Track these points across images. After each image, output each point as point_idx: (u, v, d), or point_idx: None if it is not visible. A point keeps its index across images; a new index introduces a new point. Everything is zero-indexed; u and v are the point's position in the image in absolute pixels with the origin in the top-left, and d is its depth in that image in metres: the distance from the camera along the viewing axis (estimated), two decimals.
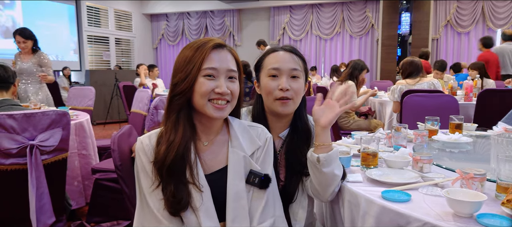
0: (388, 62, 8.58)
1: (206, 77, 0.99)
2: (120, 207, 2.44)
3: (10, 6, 7.57)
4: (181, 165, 0.98)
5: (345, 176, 1.20)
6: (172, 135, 0.99)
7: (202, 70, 0.98)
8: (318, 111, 1.17)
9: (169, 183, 0.97)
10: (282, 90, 1.21)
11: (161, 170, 0.97)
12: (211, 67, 0.99)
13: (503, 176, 1.02)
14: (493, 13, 8.01)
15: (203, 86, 0.98)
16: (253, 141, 1.08)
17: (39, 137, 1.84)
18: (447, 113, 2.15)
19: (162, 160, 0.97)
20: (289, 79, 1.23)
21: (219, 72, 1.00)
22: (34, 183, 1.82)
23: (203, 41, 1.02)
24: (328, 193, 1.17)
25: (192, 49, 1.01)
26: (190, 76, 0.98)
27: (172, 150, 0.97)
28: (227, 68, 1.01)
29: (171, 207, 0.96)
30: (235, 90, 1.03)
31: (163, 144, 0.98)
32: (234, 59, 1.05)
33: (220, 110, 1.00)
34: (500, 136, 1.26)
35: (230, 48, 1.06)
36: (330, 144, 1.15)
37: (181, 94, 0.99)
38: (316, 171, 1.14)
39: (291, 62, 1.23)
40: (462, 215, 0.91)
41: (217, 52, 1.01)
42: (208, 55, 0.99)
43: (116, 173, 1.10)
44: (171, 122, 1.01)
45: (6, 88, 2.12)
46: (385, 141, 1.73)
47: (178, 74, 1.00)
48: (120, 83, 6.09)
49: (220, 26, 10.42)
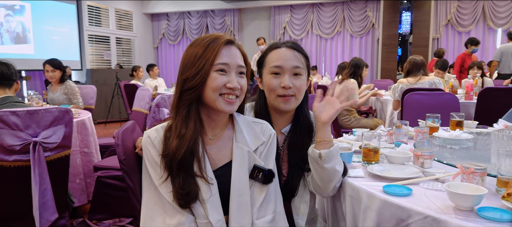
0: (389, 62, 8.58)
1: (218, 72, 1.01)
2: (122, 204, 2.45)
3: (20, 12, 7.62)
4: (190, 159, 1.00)
5: (346, 171, 1.21)
6: (183, 129, 1.00)
7: (214, 65, 1.00)
8: (318, 107, 1.19)
9: (178, 176, 0.98)
10: (285, 88, 1.22)
11: (171, 163, 0.98)
12: (223, 62, 1.01)
13: (504, 171, 1.03)
14: (493, 13, 8.01)
15: (215, 81, 1.00)
16: (257, 136, 1.10)
17: (42, 134, 1.85)
18: (447, 111, 2.16)
19: (173, 153, 0.98)
20: (291, 76, 1.24)
21: (230, 68, 1.03)
22: (37, 179, 1.83)
23: (213, 37, 1.04)
24: (330, 188, 1.18)
25: (202, 45, 1.02)
26: (202, 71, 0.99)
27: (184, 144, 0.98)
28: (237, 64, 1.04)
29: (180, 199, 0.98)
30: (244, 86, 1.06)
31: (174, 138, 1.00)
32: (242, 55, 1.08)
33: (231, 104, 1.03)
34: (500, 131, 1.27)
35: (238, 44, 1.09)
36: (331, 140, 1.17)
37: (193, 89, 1.00)
38: (318, 167, 1.15)
39: (294, 59, 1.24)
40: (462, 208, 0.92)
41: (228, 48, 1.04)
42: (220, 51, 1.01)
43: (120, 167, 1.11)
44: (181, 116, 1.02)
45: (8, 86, 2.13)
46: (386, 138, 1.74)
47: (188, 69, 1.02)
48: (121, 82, 6.10)
49: (221, 25, 10.43)
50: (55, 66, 3.60)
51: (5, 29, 7.41)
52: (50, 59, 3.65)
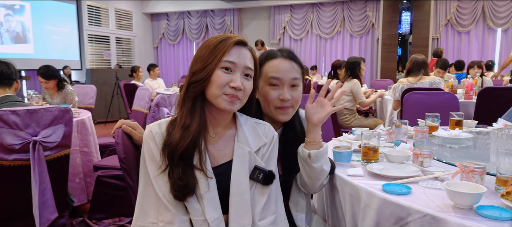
0: (389, 61, 8.59)
1: (224, 70, 1.01)
2: (122, 204, 2.45)
3: (19, 12, 7.63)
4: (191, 151, 1.00)
5: (334, 169, 1.26)
6: (188, 120, 1.01)
7: (221, 62, 1.01)
8: (310, 108, 1.21)
9: (178, 166, 0.98)
10: (284, 100, 1.22)
11: (172, 154, 0.98)
12: (229, 60, 1.02)
13: (503, 170, 1.03)
14: (493, 13, 8.02)
15: (219, 78, 1.00)
16: (259, 137, 1.10)
17: (42, 133, 1.85)
18: (447, 110, 2.16)
19: (175, 143, 0.98)
20: (289, 88, 1.24)
21: (236, 67, 1.03)
22: (37, 178, 1.83)
23: (227, 35, 1.06)
24: (317, 185, 1.23)
25: (214, 42, 1.04)
26: (209, 66, 1.00)
27: (188, 135, 0.99)
28: (245, 65, 1.04)
29: (177, 190, 0.97)
30: (248, 88, 1.06)
31: (178, 129, 1.00)
32: (253, 59, 1.09)
33: (232, 104, 1.02)
34: (500, 130, 1.27)
35: (251, 47, 1.10)
36: (320, 141, 1.21)
37: (198, 83, 1.01)
38: (306, 166, 1.20)
39: (292, 71, 1.24)
40: (462, 206, 0.92)
41: (238, 48, 1.04)
42: (230, 50, 1.02)
43: (120, 166, 1.12)
44: (187, 108, 1.03)
45: (8, 85, 2.14)
46: (386, 137, 1.74)
47: (198, 63, 1.03)
48: (120, 82, 6.10)
49: (221, 25, 10.43)
50: (47, 77, 3.41)
51: (5, 29, 7.41)
52: (42, 70, 3.43)
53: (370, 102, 3.90)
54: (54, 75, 3.45)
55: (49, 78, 3.42)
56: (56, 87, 3.49)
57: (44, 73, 3.40)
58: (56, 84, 3.47)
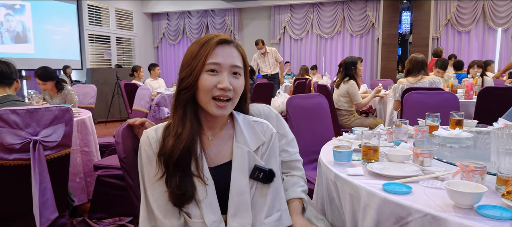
0: (389, 61, 8.59)
1: (209, 72, 0.99)
2: (122, 203, 2.45)
3: (20, 11, 7.63)
4: (187, 158, 0.99)
5: None
6: (180, 128, 1.00)
7: (206, 65, 0.99)
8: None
9: (175, 175, 0.98)
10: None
11: (168, 162, 0.98)
12: (214, 62, 0.99)
13: (503, 169, 1.03)
14: (493, 12, 8.01)
15: (206, 82, 0.99)
16: (258, 136, 1.09)
17: (42, 132, 1.85)
18: (447, 110, 2.15)
19: (169, 152, 0.98)
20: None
21: (222, 68, 1.00)
22: (37, 178, 1.83)
23: (209, 36, 1.03)
24: None
25: (198, 44, 1.02)
26: (194, 71, 0.99)
27: (180, 143, 0.98)
28: (231, 63, 1.01)
29: (175, 199, 0.97)
30: (238, 87, 1.03)
31: (171, 137, 0.99)
32: (240, 55, 1.05)
33: (222, 109, 1.01)
34: (500, 130, 1.27)
35: (237, 43, 1.06)
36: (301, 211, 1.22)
37: (187, 89, 1.00)
38: None
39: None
40: (462, 206, 0.92)
41: (222, 48, 1.02)
42: (213, 51, 1.00)
43: (120, 165, 1.12)
44: (178, 115, 1.02)
45: (8, 84, 2.13)
46: (386, 137, 1.74)
47: (184, 69, 1.01)
48: (121, 82, 6.10)
49: (221, 25, 10.43)
50: (44, 78, 3.35)
51: (5, 29, 7.41)
52: (39, 72, 3.35)
53: (366, 103, 3.90)
54: (52, 77, 3.40)
55: (46, 80, 3.37)
56: (55, 88, 3.45)
57: (41, 75, 3.36)
58: (55, 85, 3.44)
